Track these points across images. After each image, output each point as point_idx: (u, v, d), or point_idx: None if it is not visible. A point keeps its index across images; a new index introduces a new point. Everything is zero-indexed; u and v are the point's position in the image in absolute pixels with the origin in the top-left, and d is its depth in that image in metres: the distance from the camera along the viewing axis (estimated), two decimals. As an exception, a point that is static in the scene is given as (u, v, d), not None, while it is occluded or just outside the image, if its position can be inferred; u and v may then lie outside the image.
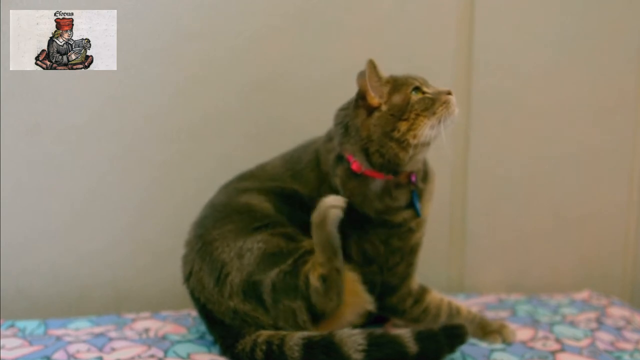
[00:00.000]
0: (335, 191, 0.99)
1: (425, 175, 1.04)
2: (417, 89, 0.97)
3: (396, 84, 0.97)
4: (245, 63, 1.28)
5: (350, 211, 0.96)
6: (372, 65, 0.95)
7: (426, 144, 0.96)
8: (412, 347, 0.88)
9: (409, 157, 0.96)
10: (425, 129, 0.94)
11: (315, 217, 0.94)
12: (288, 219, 1.01)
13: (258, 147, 1.16)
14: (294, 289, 0.93)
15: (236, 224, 0.98)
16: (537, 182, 1.43)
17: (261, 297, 0.94)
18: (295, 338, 0.90)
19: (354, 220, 0.98)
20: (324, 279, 0.93)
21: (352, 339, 0.89)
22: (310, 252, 0.96)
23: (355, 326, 0.95)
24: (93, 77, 1.20)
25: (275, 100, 1.30)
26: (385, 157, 0.96)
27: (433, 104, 0.95)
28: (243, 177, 1.08)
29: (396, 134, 0.94)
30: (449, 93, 0.97)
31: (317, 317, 0.95)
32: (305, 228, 0.97)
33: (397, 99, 0.96)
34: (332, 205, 0.93)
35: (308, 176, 1.03)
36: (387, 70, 0.99)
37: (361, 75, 1.01)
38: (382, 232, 1.01)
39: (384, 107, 0.96)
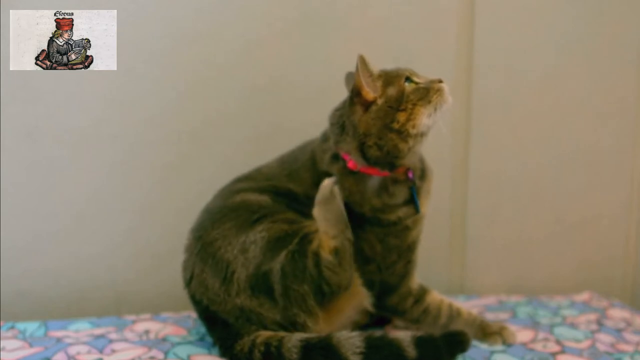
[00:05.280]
0: None
1: (423, 173, 1.05)
2: (408, 79, 0.97)
3: (388, 76, 0.98)
4: (247, 66, 1.28)
5: (347, 210, 0.97)
6: (362, 60, 0.95)
7: (424, 134, 0.97)
8: (411, 351, 0.88)
9: (408, 148, 0.96)
10: (423, 118, 0.95)
11: (320, 196, 0.96)
12: (286, 207, 1.01)
13: (259, 151, 1.16)
14: (303, 271, 0.93)
15: (235, 221, 0.98)
16: (538, 184, 1.43)
17: (271, 287, 0.93)
18: (294, 340, 0.90)
19: (351, 219, 0.98)
20: (337, 251, 0.94)
21: (350, 341, 0.88)
22: (314, 231, 0.96)
23: (355, 327, 0.95)
24: (93, 80, 1.21)
25: (277, 103, 1.30)
26: (384, 149, 0.96)
27: (427, 92, 0.96)
28: (239, 180, 1.09)
29: (396, 125, 0.95)
30: (440, 81, 0.98)
31: (327, 296, 0.95)
32: (302, 216, 0.99)
33: (392, 91, 0.96)
34: (335, 181, 0.98)
35: (303, 176, 1.03)
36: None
37: (349, 77, 1.02)
38: (378, 231, 1.01)
39: (379, 101, 0.96)
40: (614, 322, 1.20)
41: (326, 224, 0.96)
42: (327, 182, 0.97)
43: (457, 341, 0.91)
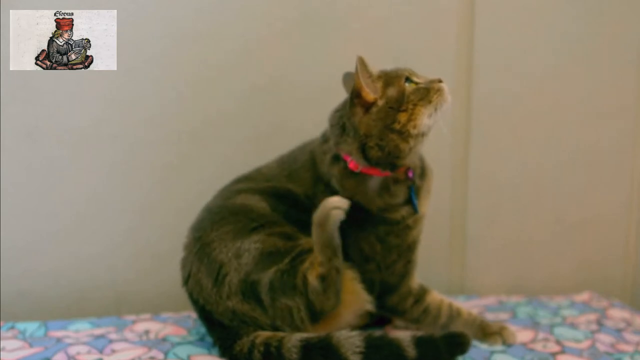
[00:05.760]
0: (332, 191, 0.99)
1: (423, 172, 1.05)
2: (408, 79, 0.97)
3: (388, 77, 0.98)
4: (247, 66, 1.28)
5: (352, 209, 0.97)
6: (362, 62, 0.95)
7: (425, 134, 0.97)
8: (411, 351, 0.88)
9: (409, 149, 0.96)
10: (424, 118, 0.95)
11: (316, 217, 0.95)
12: (284, 217, 1.01)
13: (259, 151, 1.16)
14: (292, 288, 0.93)
15: (234, 225, 0.98)
16: (538, 184, 1.43)
17: (259, 297, 0.94)
18: (293, 340, 0.90)
19: (351, 219, 0.97)
20: (322, 278, 0.93)
21: (350, 340, 0.89)
22: (308, 251, 0.96)
23: (355, 328, 0.95)
24: (93, 80, 1.21)
25: (276, 103, 1.30)
26: (385, 150, 0.96)
27: (428, 92, 0.96)
28: (239, 180, 1.09)
29: (397, 126, 0.95)
30: (440, 81, 0.98)
31: (315, 315, 0.95)
32: (301, 226, 0.98)
33: (392, 91, 0.96)
34: (335, 206, 0.94)
35: (303, 176, 1.03)
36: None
37: (347, 78, 1.01)
38: (379, 230, 1.01)
39: (380, 102, 0.96)
40: (614, 322, 1.20)
41: (315, 247, 0.95)
42: (326, 203, 0.94)
43: (457, 342, 0.91)
